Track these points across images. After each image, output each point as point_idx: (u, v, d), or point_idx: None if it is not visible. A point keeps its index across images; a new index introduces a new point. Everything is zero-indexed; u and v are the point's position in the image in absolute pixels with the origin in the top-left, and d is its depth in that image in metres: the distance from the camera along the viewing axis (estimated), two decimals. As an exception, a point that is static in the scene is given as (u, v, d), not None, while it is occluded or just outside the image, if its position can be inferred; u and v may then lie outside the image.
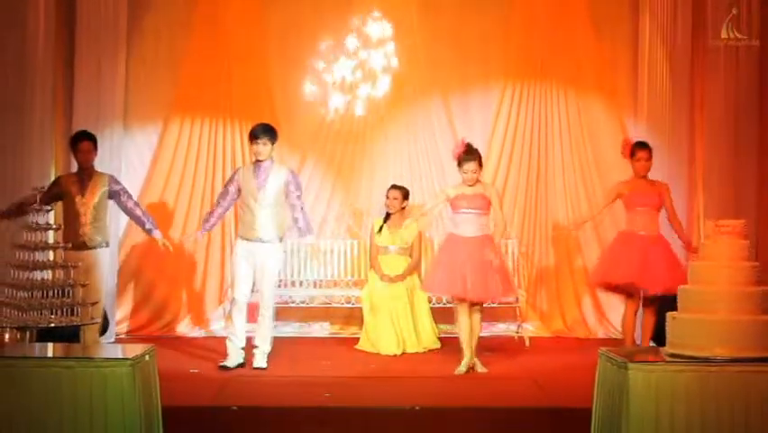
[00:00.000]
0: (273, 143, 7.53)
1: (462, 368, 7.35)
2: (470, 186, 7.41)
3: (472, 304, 7.40)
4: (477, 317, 7.45)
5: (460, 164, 7.42)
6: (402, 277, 8.65)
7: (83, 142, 7.74)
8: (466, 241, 7.36)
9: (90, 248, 7.53)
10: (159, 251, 9.28)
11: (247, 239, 7.48)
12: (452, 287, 7.37)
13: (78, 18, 8.97)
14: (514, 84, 9.66)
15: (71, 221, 7.52)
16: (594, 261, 9.43)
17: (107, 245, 7.78)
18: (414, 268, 8.80)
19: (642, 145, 7.89)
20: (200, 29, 9.49)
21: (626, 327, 7.84)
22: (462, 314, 7.41)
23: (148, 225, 7.88)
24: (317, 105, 9.60)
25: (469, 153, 7.41)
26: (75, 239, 7.33)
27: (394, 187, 8.90)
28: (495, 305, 8.35)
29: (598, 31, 9.57)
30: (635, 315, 7.78)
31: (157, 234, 7.91)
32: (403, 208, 8.86)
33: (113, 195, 7.75)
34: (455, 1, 9.63)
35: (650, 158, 7.82)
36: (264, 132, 7.49)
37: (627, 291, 7.77)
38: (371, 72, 9.57)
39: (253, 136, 7.50)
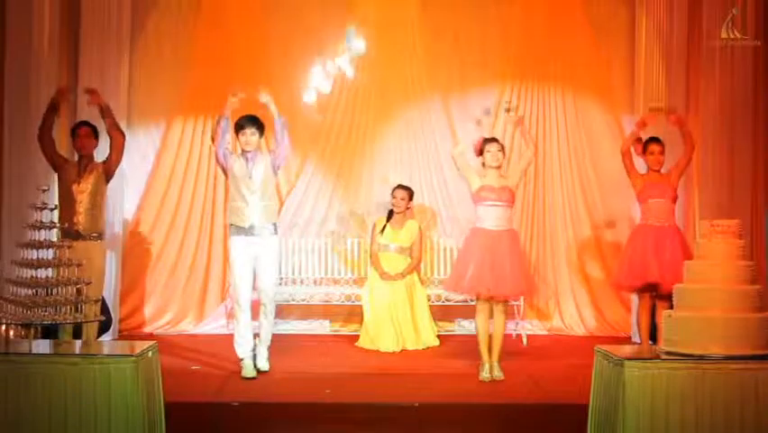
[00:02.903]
0: (261, 134, 7.35)
1: (486, 375, 7.07)
2: (496, 168, 7.13)
3: (497, 303, 7.13)
4: (501, 318, 7.15)
5: (482, 151, 7.20)
6: (402, 276, 8.72)
7: (82, 128, 7.77)
8: (493, 235, 7.09)
9: (83, 238, 7.45)
10: (161, 248, 9.43)
11: (240, 229, 7.22)
12: (481, 284, 7.03)
13: (83, 20, 9.02)
14: (512, 83, 9.72)
15: (66, 208, 7.46)
16: (591, 258, 9.56)
17: (101, 238, 7.72)
18: (414, 267, 8.87)
19: (654, 140, 7.93)
20: (203, 31, 9.56)
21: (641, 327, 7.86)
22: (482, 313, 7.11)
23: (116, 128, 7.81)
24: (318, 106, 9.65)
25: (490, 138, 7.33)
26: (69, 227, 7.26)
27: (401, 187, 8.93)
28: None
29: (596, 31, 9.64)
30: (650, 314, 7.79)
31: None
32: (407, 208, 8.92)
33: (107, 168, 7.72)
34: (455, 1, 9.70)
35: (663, 151, 7.85)
36: (251, 122, 7.29)
37: (643, 291, 7.78)
38: (371, 72, 9.63)
39: (240, 126, 7.28)
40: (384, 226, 8.90)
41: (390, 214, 8.93)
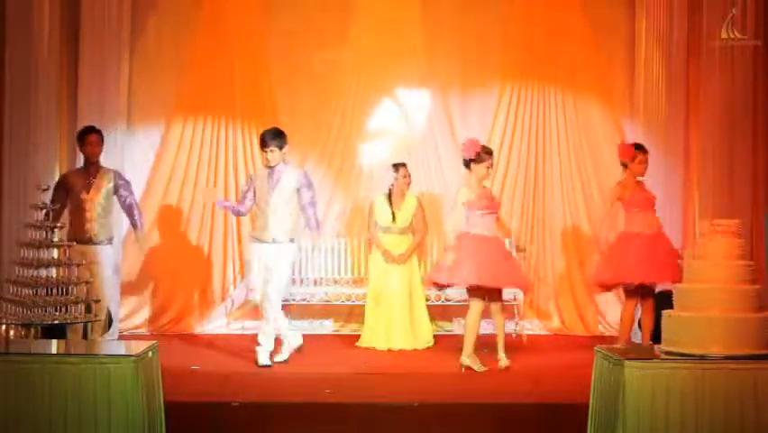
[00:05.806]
0: (281, 148, 7.48)
1: (472, 363, 7.28)
2: (485, 184, 7.47)
3: (492, 300, 7.35)
4: (500, 316, 7.42)
5: (478, 161, 7.33)
6: (407, 257, 8.64)
7: (91, 135, 7.85)
8: (488, 240, 7.33)
9: (95, 244, 7.66)
10: (161, 248, 9.44)
11: (259, 241, 7.52)
12: (482, 276, 7.19)
13: (83, 19, 9.04)
14: (512, 85, 9.72)
15: (77, 217, 7.62)
16: (591, 257, 9.55)
17: (110, 242, 7.89)
18: (419, 242, 8.78)
19: (642, 147, 7.93)
20: (203, 30, 9.55)
21: (624, 325, 7.87)
22: (476, 308, 7.30)
23: (135, 221, 7.95)
24: (318, 106, 9.65)
25: (487, 150, 7.44)
26: (80, 235, 7.47)
27: (402, 165, 8.81)
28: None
29: (596, 32, 9.63)
30: (634, 312, 7.82)
31: (139, 231, 8.02)
32: None
33: (116, 189, 7.83)
34: (455, 2, 9.70)
35: (647, 159, 7.89)
36: (272, 138, 7.47)
37: (628, 289, 7.80)
38: (371, 72, 9.63)
39: (263, 144, 7.50)
40: (392, 211, 8.70)
41: (389, 195, 8.80)
